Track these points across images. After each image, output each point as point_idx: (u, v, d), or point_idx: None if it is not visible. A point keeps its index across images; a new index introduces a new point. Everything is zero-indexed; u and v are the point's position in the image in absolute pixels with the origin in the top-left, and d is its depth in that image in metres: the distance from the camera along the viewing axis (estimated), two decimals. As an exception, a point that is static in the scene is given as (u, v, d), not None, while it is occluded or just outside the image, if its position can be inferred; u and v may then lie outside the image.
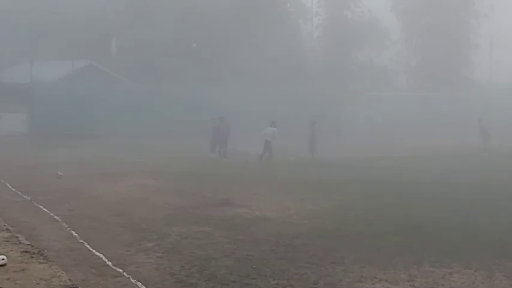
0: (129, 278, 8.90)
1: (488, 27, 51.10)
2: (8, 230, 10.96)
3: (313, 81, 45.73)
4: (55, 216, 13.21)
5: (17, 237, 10.34)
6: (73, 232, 11.73)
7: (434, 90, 47.46)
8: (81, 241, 11.02)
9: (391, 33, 54.03)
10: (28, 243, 10.07)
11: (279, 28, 44.36)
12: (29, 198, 15.48)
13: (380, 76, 52.17)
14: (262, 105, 38.86)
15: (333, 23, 48.17)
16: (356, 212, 14.65)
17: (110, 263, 9.60)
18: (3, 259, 8.42)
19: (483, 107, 42.94)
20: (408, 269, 9.56)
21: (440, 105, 45.93)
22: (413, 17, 51.83)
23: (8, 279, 7.90)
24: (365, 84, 48.96)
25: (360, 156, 29.02)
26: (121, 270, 9.23)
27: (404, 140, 37.44)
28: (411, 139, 37.91)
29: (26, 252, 9.28)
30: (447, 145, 35.10)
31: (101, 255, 10.02)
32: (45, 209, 14.04)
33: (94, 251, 10.33)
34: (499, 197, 17.17)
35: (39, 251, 9.46)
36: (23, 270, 8.33)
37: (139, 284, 8.64)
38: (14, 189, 17.05)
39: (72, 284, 8.00)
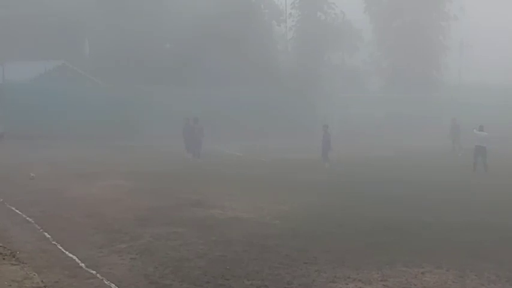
0: (102, 279, 8.87)
1: (458, 29, 51.76)
2: (-21, 232, 10.87)
3: (286, 82, 45.85)
4: (27, 218, 13.11)
5: (-12, 239, 10.25)
6: (46, 234, 11.65)
7: (406, 92, 47.93)
8: (54, 243, 10.95)
9: (364, 35, 54.40)
10: (0, 244, 9.99)
11: (253, 29, 44.42)
12: (1, 199, 15.31)
13: (352, 77, 52.45)
14: (233, 107, 39.04)
15: (306, 25, 48.28)
16: (329, 212, 14.74)
17: (82, 265, 9.57)
18: None
19: (453, 107, 43.48)
20: (381, 268, 9.66)
21: (412, 106, 46.45)
22: (385, 19, 52.25)
23: (-20, 281, 7.84)
24: (337, 86, 49.14)
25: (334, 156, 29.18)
26: (94, 271, 9.21)
27: (375, 140, 37.72)
28: (382, 139, 38.21)
29: (-2, 253, 9.22)
30: (419, 145, 35.42)
31: (74, 257, 9.98)
32: (17, 211, 13.92)
33: (67, 252, 10.28)
34: (470, 197, 17.43)
35: (11, 253, 9.40)
36: (-5, 272, 8.28)
37: (112, 285, 8.62)
38: (-15, 191, 16.86)
39: (45, 286, 7.97)
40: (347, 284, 8.91)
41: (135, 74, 39.86)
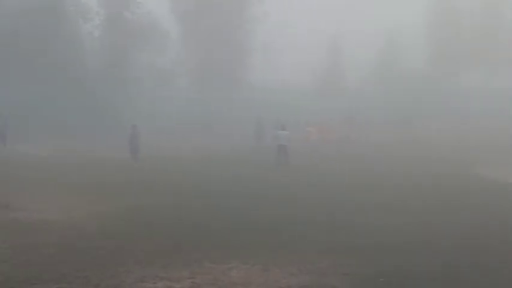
0: None
1: (262, 31, 53.78)
2: None
3: (94, 81, 44.94)
4: None
5: None
6: None
7: (213, 91, 49.02)
8: None
9: (172, 35, 54.66)
10: None
11: (57, 26, 43.07)
12: None
13: (161, 77, 52.52)
14: (40, 107, 37.72)
15: (113, 24, 47.64)
16: (142, 213, 14.86)
17: None
18: None
19: (258, 107, 45.28)
20: (189, 266, 9.87)
21: (219, 106, 47.67)
22: (192, 19, 52.91)
23: None
24: (146, 85, 48.97)
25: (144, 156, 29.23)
26: None
27: (186, 140, 38.23)
28: (192, 138, 38.81)
29: None
30: (225, 143, 36.45)
31: None
32: None
33: None
34: (273, 193, 18.35)
35: None
36: None
37: None
38: None
39: None
40: (155, 283, 9.00)
41: None
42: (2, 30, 39.66)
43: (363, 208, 16.22)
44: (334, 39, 60.01)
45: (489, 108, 48.35)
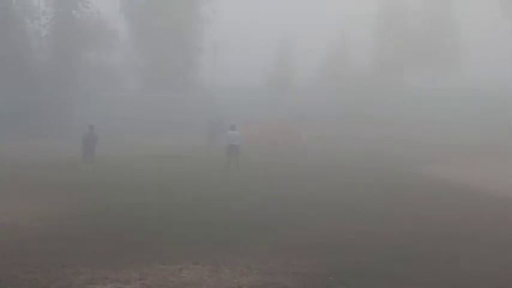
0: None
1: (212, 31, 53.81)
2: None
3: (40, 81, 44.31)
4: None
5: None
6: None
7: (163, 91, 48.83)
8: None
9: (121, 35, 54.27)
10: None
11: (3, 27, 42.38)
12: None
13: (110, 77, 52.09)
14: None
15: (61, 23, 47.03)
16: (91, 214, 14.71)
17: None
18: None
19: (208, 106, 45.33)
20: (139, 267, 9.81)
21: (169, 106, 47.52)
22: (141, 19, 52.64)
23: None
24: (95, 85, 48.49)
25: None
26: None
27: (136, 140, 37.96)
28: (142, 139, 38.56)
29: None
30: (176, 144, 36.33)
31: None
32: None
33: None
34: (223, 193, 18.42)
35: None
36: None
37: None
38: None
39: None
40: (105, 284, 8.94)
41: None
42: None
43: (311, 206, 16.41)
44: (284, 37, 60.51)
45: (433, 108, 49.43)
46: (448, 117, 46.32)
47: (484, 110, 47.29)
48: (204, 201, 17.02)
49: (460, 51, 58.08)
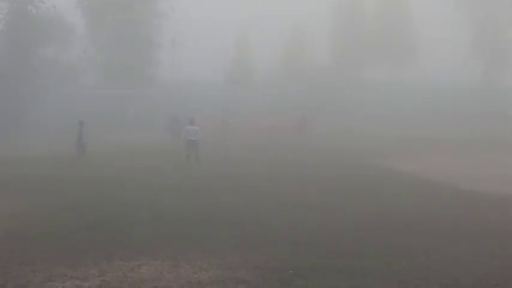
0: None
1: (170, 27, 53.58)
2: None
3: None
4: None
5: None
6: None
7: (121, 87, 48.47)
8: None
9: (78, 31, 53.63)
10: None
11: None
12: None
13: (67, 72, 51.45)
14: None
15: (17, 18, 46.33)
16: (47, 212, 14.55)
17: None
18: None
19: (167, 102, 45.21)
20: (98, 264, 9.83)
21: (127, 102, 47.27)
22: (98, 15, 52.11)
23: None
24: (52, 81, 47.86)
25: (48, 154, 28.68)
26: None
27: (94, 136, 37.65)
28: (100, 135, 38.25)
29: None
30: (135, 139, 36.16)
31: None
32: None
33: None
34: (183, 187, 18.44)
35: None
36: None
37: None
38: None
39: None
40: (64, 282, 8.93)
41: None
42: None
43: (270, 201, 16.51)
44: (242, 31, 60.72)
45: (392, 100, 50.21)
46: (405, 111, 47.11)
47: (438, 104, 48.27)
48: (165, 196, 16.99)
49: (417, 47, 59.18)
